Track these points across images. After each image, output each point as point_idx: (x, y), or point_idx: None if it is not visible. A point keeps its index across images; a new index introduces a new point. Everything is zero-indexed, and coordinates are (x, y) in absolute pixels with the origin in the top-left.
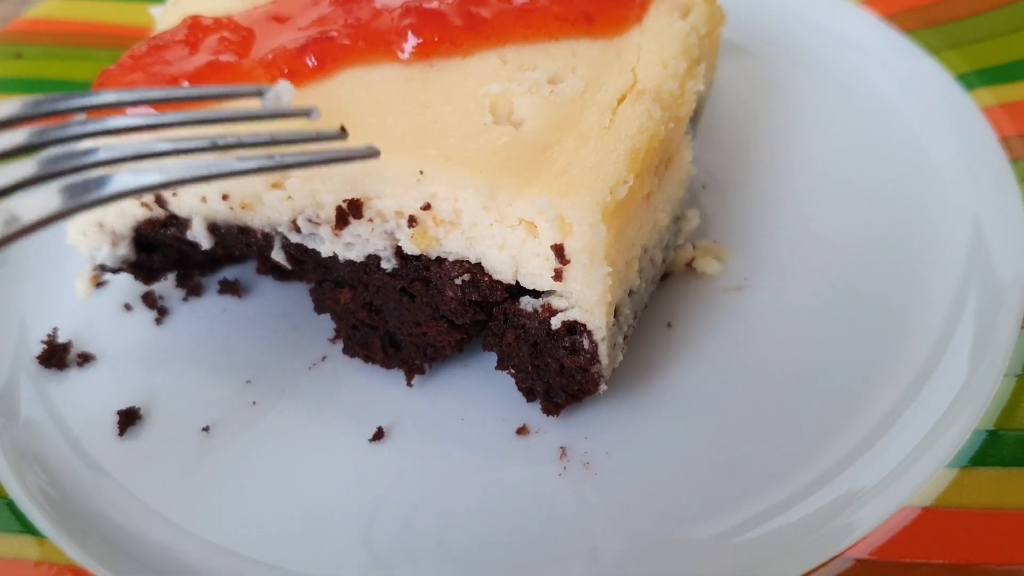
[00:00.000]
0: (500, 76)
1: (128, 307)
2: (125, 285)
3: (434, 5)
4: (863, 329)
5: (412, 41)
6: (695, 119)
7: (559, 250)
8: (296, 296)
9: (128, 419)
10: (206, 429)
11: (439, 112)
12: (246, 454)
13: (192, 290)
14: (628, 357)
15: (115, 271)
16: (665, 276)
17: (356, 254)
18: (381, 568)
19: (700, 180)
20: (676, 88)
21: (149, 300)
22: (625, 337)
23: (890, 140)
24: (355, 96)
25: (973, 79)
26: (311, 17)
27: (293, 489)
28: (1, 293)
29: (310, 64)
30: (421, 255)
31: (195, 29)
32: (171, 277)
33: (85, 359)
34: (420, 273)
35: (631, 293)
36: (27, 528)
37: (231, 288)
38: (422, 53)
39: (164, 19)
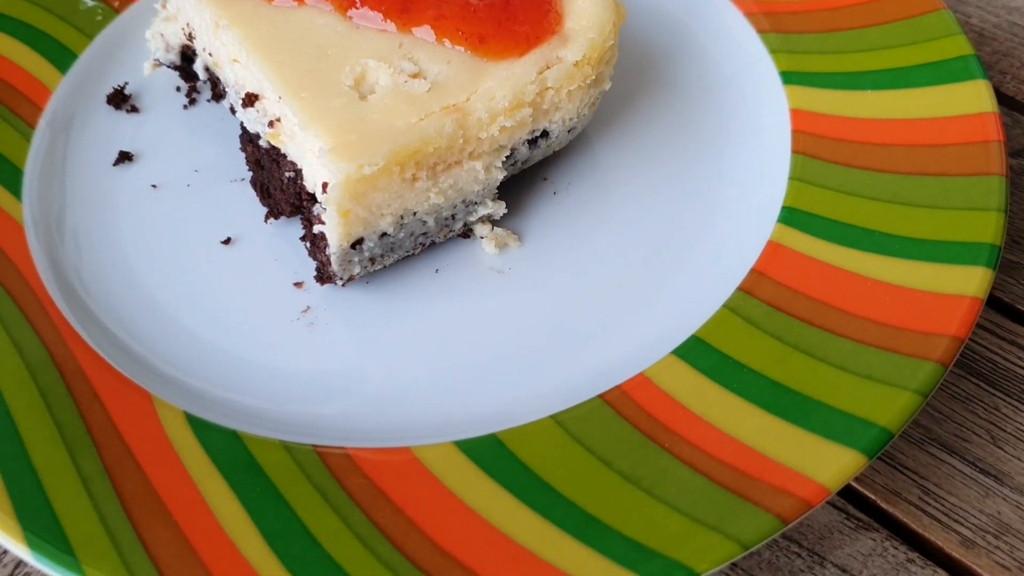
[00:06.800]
0: (387, 55)
1: (178, 89)
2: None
3: None
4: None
5: (361, 7)
6: (540, 138)
7: (324, 186)
8: None
9: (123, 157)
10: (154, 188)
11: (329, 63)
12: (174, 213)
13: (216, 96)
14: (390, 268)
15: (167, 66)
16: (467, 233)
17: (250, 127)
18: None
19: (553, 187)
20: (486, 118)
21: (190, 90)
22: (372, 260)
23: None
24: (305, 27)
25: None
26: None
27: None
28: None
29: None
30: (276, 147)
31: None
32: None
33: (133, 109)
34: (275, 156)
35: (383, 235)
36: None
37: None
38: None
39: None
